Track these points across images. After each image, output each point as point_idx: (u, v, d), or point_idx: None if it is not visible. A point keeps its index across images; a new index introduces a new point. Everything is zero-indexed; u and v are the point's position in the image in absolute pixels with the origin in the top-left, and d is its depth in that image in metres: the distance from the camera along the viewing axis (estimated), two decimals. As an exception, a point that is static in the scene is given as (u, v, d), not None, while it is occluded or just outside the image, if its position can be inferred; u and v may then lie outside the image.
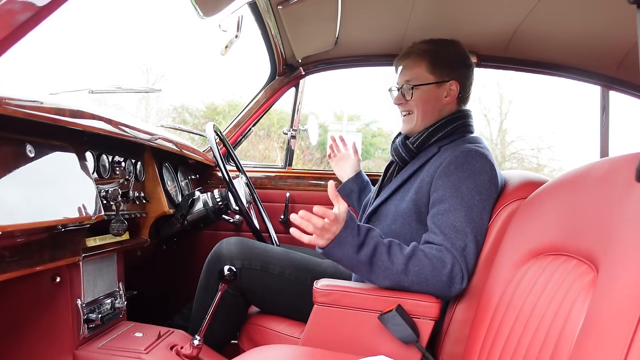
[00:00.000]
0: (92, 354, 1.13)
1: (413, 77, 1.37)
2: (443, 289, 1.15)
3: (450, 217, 1.19)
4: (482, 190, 1.21)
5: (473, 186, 1.21)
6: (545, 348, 0.75)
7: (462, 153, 1.25)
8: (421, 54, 1.37)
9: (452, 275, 1.14)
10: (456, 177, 1.22)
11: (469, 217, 1.18)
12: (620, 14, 1.44)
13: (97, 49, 15.82)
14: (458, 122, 1.36)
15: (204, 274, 1.40)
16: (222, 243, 1.38)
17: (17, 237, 0.87)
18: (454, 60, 1.38)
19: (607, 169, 0.79)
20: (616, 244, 0.67)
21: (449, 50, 1.39)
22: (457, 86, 1.37)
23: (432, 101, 1.37)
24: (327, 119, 12.90)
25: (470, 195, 1.20)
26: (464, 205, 1.19)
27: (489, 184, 1.22)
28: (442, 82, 1.36)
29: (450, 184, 1.22)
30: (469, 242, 1.17)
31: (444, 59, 1.37)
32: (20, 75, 9.04)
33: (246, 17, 1.54)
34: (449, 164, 1.24)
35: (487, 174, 1.23)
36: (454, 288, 1.15)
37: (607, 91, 1.93)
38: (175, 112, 13.56)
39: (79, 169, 1.06)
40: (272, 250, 1.38)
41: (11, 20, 0.57)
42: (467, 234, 1.17)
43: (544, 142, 12.97)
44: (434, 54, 1.36)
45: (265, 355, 1.06)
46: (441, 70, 1.36)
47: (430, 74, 1.36)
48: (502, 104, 13.38)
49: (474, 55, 1.91)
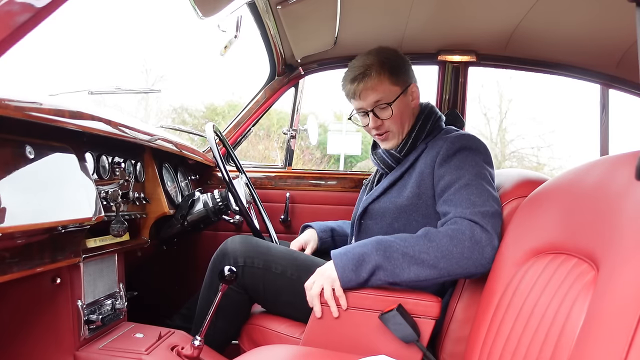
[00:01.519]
0: (92, 355, 1.13)
1: (382, 95, 1.35)
2: (473, 256, 1.08)
3: (463, 193, 1.19)
4: (484, 166, 1.24)
5: (475, 163, 1.23)
6: (546, 347, 0.75)
7: (456, 138, 1.29)
8: (380, 70, 1.34)
9: (475, 239, 1.08)
10: (457, 159, 1.24)
11: (480, 189, 1.18)
12: (619, 13, 1.44)
13: (96, 49, 15.81)
14: (431, 118, 1.40)
15: (209, 272, 1.40)
16: (228, 241, 1.38)
17: (17, 239, 0.87)
18: (404, 64, 1.39)
19: (607, 167, 0.79)
20: (616, 243, 0.67)
21: (396, 56, 1.39)
22: (416, 87, 1.40)
23: (405, 111, 1.38)
24: (327, 119, 12.90)
25: (475, 171, 1.22)
26: (474, 179, 1.20)
27: (489, 163, 1.26)
28: (406, 89, 1.38)
29: (454, 167, 1.24)
30: (489, 206, 1.14)
31: (397, 66, 1.37)
32: (19, 76, 9.01)
33: (245, 17, 1.54)
34: (448, 150, 1.27)
35: (484, 153, 1.27)
36: (486, 252, 1.07)
37: (607, 89, 1.93)
38: (174, 112, 13.55)
39: (78, 170, 1.06)
40: (275, 249, 1.38)
41: (10, 21, 0.56)
42: (485, 200, 1.15)
43: (543, 140, 12.98)
44: (389, 64, 1.35)
45: (266, 356, 1.06)
46: (401, 77, 1.37)
47: (394, 85, 1.36)
48: (502, 102, 13.38)
49: (473, 54, 1.91)
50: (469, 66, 1.97)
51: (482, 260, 1.08)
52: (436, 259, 1.09)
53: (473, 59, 1.92)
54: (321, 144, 11.48)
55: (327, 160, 11.97)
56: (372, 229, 1.39)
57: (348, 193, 2.02)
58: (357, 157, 12.33)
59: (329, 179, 2.06)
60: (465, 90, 2.00)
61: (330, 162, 11.93)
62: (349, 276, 1.14)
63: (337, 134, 11.62)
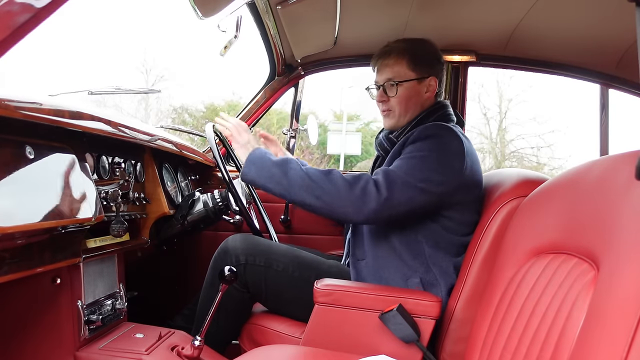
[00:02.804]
0: (93, 355, 1.12)
1: (395, 74, 1.42)
2: (355, 203, 1.18)
3: (401, 161, 1.26)
4: (441, 152, 1.26)
5: (433, 147, 1.26)
6: (547, 347, 0.75)
7: (432, 125, 1.32)
8: (401, 52, 1.42)
9: (365, 191, 1.18)
10: (421, 142, 1.27)
11: (419, 166, 1.23)
12: (619, 12, 1.44)
13: (96, 49, 15.82)
14: (438, 113, 1.42)
15: (211, 270, 1.40)
16: (229, 239, 1.39)
17: (17, 239, 0.87)
18: (431, 57, 1.44)
19: (607, 167, 0.79)
20: (616, 242, 0.67)
21: (425, 48, 1.45)
22: (435, 82, 1.43)
23: (414, 97, 1.42)
24: (327, 119, 12.91)
25: (427, 152, 1.25)
26: (417, 157, 1.24)
27: (452, 153, 1.26)
28: (423, 78, 1.42)
29: (412, 149, 1.28)
30: (406, 177, 1.21)
31: (422, 56, 1.43)
32: (19, 76, 9.04)
33: (245, 18, 1.54)
34: (417, 135, 1.30)
35: (453, 144, 1.28)
36: (369, 204, 1.18)
37: (607, 89, 1.93)
38: (174, 112, 13.57)
39: (78, 170, 1.06)
40: (276, 247, 1.38)
41: (10, 22, 0.56)
42: (409, 171, 1.22)
43: (543, 140, 12.98)
44: (412, 51, 1.42)
45: (266, 355, 1.06)
46: (421, 67, 1.42)
47: (411, 71, 1.41)
48: (502, 102, 13.40)
49: (473, 54, 1.91)
50: (468, 66, 1.97)
51: (363, 208, 1.18)
52: (323, 193, 1.20)
53: (473, 58, 1.92)
54: (321, 143, 11.49)
55: (327, 160, 11.98)
56: None
57: (348, 193, 2.01)
58: (357, 157, 12.34)
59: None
60: (465, 90, 2.00)
61: (330, 162, 11.94)
62: (249, 168, 1.29)
63: (337, 134, 11.63)
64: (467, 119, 2.01)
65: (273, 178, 1.25)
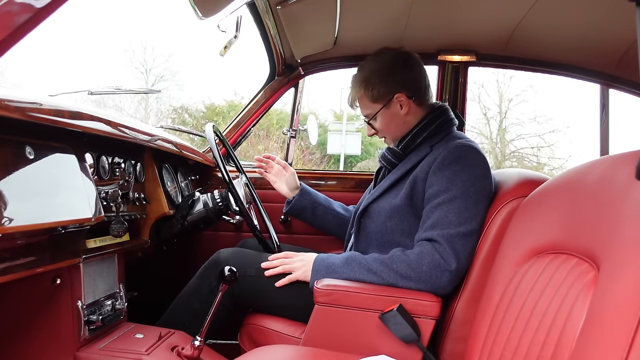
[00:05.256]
0: (93, 356, 1.12)
1: (365, 111, 1.45)
2: (430, 280, 1.18)
3: (443, 209, 1.22)
4: (476, 182, 1.24)
5: (467, 178, 1.23)
6: (547, 347, 0.75)
7: (455, 148, 1.28)
8: (358, 88, 1.42)
9: (434, 264, 1.17)
10: (450, 171, 1.25)
11: (463, 206, 1.21)
12: (619, 12, 1.44)
13: (96, 49, 15.82)
14: (440, 119, 1.39)
15: (198, 278, 1.42)
16: (221, 252, 1.41)
17: (17, 239, 0.87)
18: (385, 75, 1.39)
19: (607, 167, 0.79)
20: (616, 243, 0.67)
21: (376, 67, 1.40)
22: (404, 96, 1.38)
23: (393, 120, 1.41)
24: (327, 119, 12.91)
25: (465, 187, 1.23)
26: (458, 197, 1.22)
27: (484, 177, 1.25)
28: (388, 102, 1.39)
29: (445, 179, 1.25)
30: (461, 229, 1.19)
31: (376, 82, 1.39)
32: (19, 76, 9.06)
33: (245, 18, 1.54)
34: (444, 159, 1.27)
35: (481, 167, 1.26)
36: (444, 277, 1.17)
37: (607, 89, 1.93)
38: (174, 112, 13.57)
39: (78, 171, 1.06)
40: (266, 257, 1.39)
41: (10, 22, 0.56)
42: (459, 223, 1.20)
43: (544, 140, 12.98)
44: (366, 82, 1.40)
45: (266, 356, 1.06)
46: (379, 93, 1.39)
47: (373, 103, 1.41)
48: (502, 102, 13.40)
49: (473, 54, 1.91)
50: (468, 66, 1.97)
51: (440, 283, 1.18)
52: (396, 281, 1.20)
53: (473, 58, 1.92)
54: (321, 143, 11.48)
55: (327, 161, 11.98)
56: (369, 227, 1.40)
57: (348, 193, 2.01)
58: (357, 157, 12.35)
59: (329, 179, 2.06)
60: (465, 90, 2.00)
61: (330, 162, 11.95)
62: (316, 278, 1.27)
63: (337, 134, 11.63)
64: (467, 119, 2.01)
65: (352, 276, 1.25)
